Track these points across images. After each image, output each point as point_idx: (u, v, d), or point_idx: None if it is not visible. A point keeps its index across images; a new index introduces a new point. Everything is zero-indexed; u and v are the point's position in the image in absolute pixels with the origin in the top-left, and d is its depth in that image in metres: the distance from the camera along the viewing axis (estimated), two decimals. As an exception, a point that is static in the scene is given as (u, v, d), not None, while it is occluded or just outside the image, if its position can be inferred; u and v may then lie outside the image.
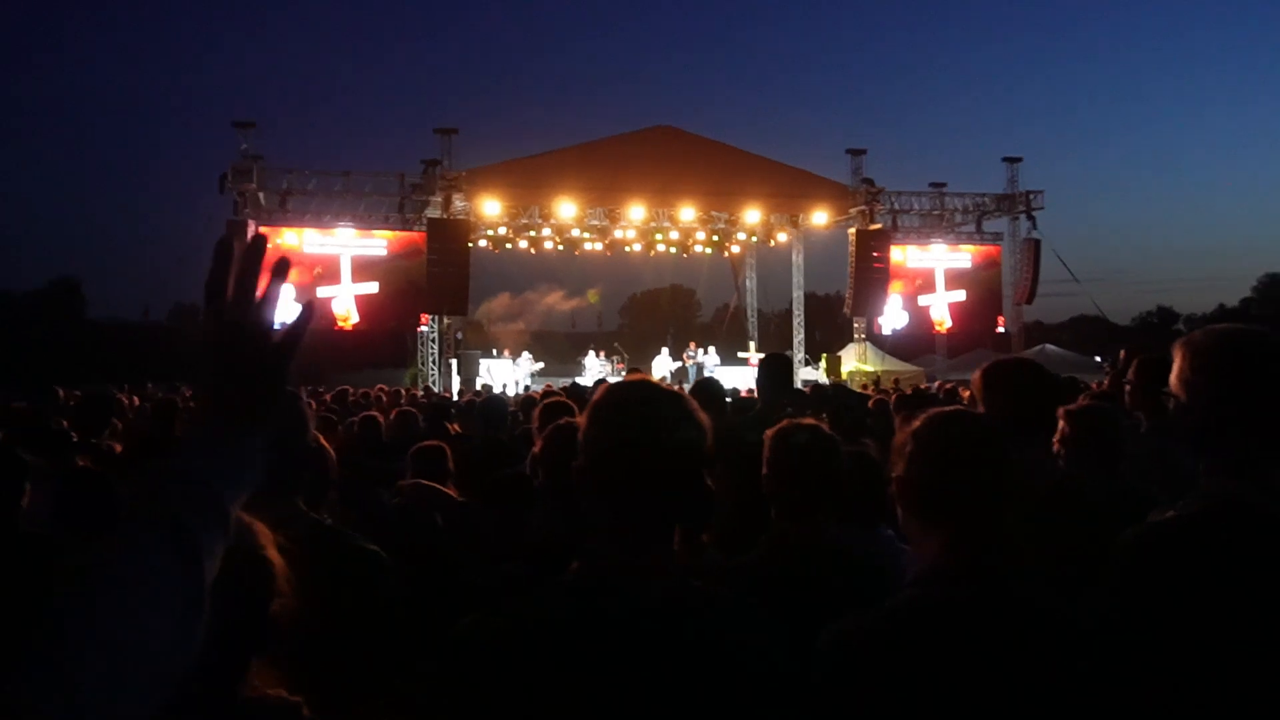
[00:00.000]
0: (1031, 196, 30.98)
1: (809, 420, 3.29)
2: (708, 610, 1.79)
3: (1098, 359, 32.50)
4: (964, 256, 32.00)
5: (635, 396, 1.89)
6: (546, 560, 2.50)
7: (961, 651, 1.94)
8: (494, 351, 30.85)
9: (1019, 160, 31.35)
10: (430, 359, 28.77)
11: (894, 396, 12.71)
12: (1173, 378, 2.27)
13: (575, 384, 15.37)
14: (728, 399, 8.02)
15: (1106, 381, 15.28)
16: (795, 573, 2.89)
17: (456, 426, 8.96)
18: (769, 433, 3.18)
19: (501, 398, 9.70)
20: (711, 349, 29.61)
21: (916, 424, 2.23)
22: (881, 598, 2.14)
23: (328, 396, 15.92)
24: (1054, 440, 4.46)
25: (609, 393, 1.94)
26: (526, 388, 25.88)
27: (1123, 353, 14.54)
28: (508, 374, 28.88)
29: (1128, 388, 5.49)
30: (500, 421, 7.28)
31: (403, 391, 18.24)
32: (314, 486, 2.81)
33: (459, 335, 34.15)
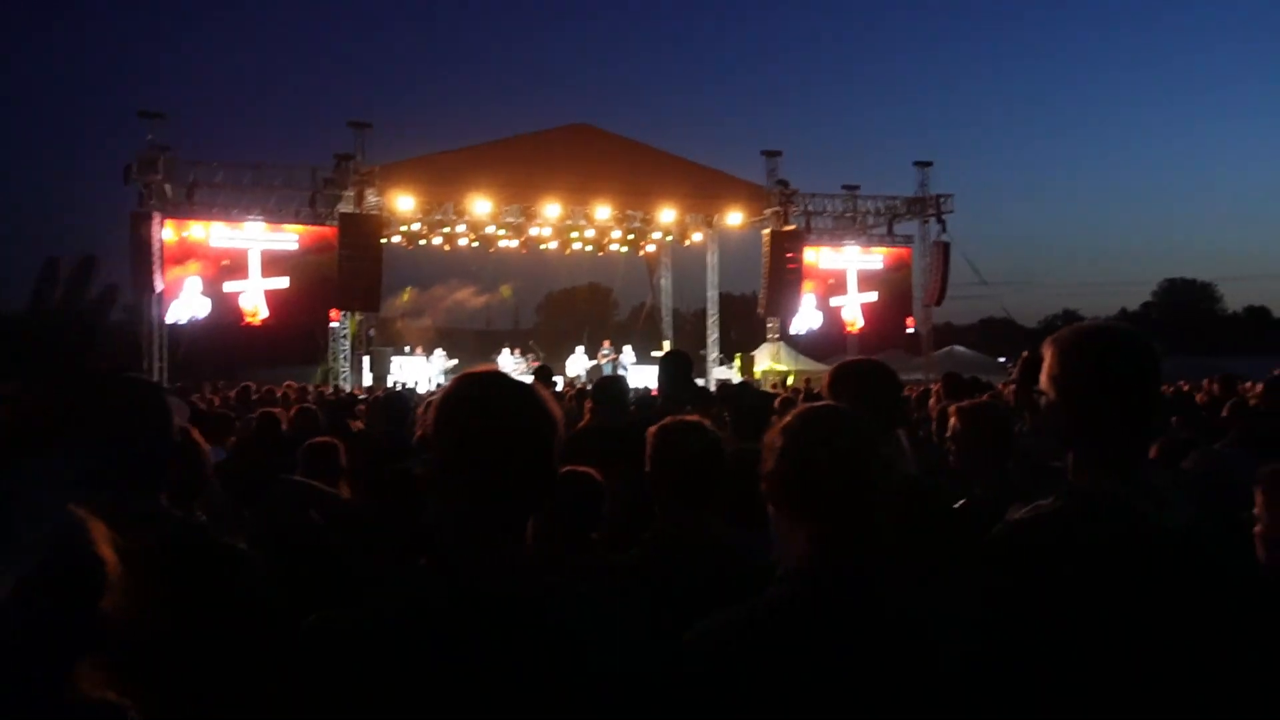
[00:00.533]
0: (942, 200, 31.49)
1: (693, 417, 3.28)
2: (560, 605, 1.78)
3: (1001, 360, 33.13)
4: (876, 258, 32.40)
5: (477, 388, 1.89)
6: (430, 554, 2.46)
7: (818, 651, 1.92)
8: (406, 349, 30.55)
9: (930, 164, 31.86)
10: (342, 356, 28.37)
11: (801, 395, 12.85)
12: (1042, 375, 2.29)
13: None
14: (631, 397, 8.01)
15: (1006, 385, 15.70)
16: (675, 569, 2.88)
17: (360, 424, 8.87)
18: (651, 429, 3.17)
19: (403, 394, 9.63)
20: (627, 348, 29.66)
21: (787, 418, 2.21)
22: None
23: (231, 393, 15.65)
24: (947, 436, 4.56)
25: (453, 386, 1.93)
26: (439, 385, 25.65)
27: (1024, 354, 15.09)
28: (420, 371, 28.64)
29: (1011, 386, 5.60)
30: (402, 418, 7.21)
31: (310, 388, 17.96)
32: (183, 484, 2.75)
33: (371, 332, 33.78)
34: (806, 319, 31.69)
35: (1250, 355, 50.26)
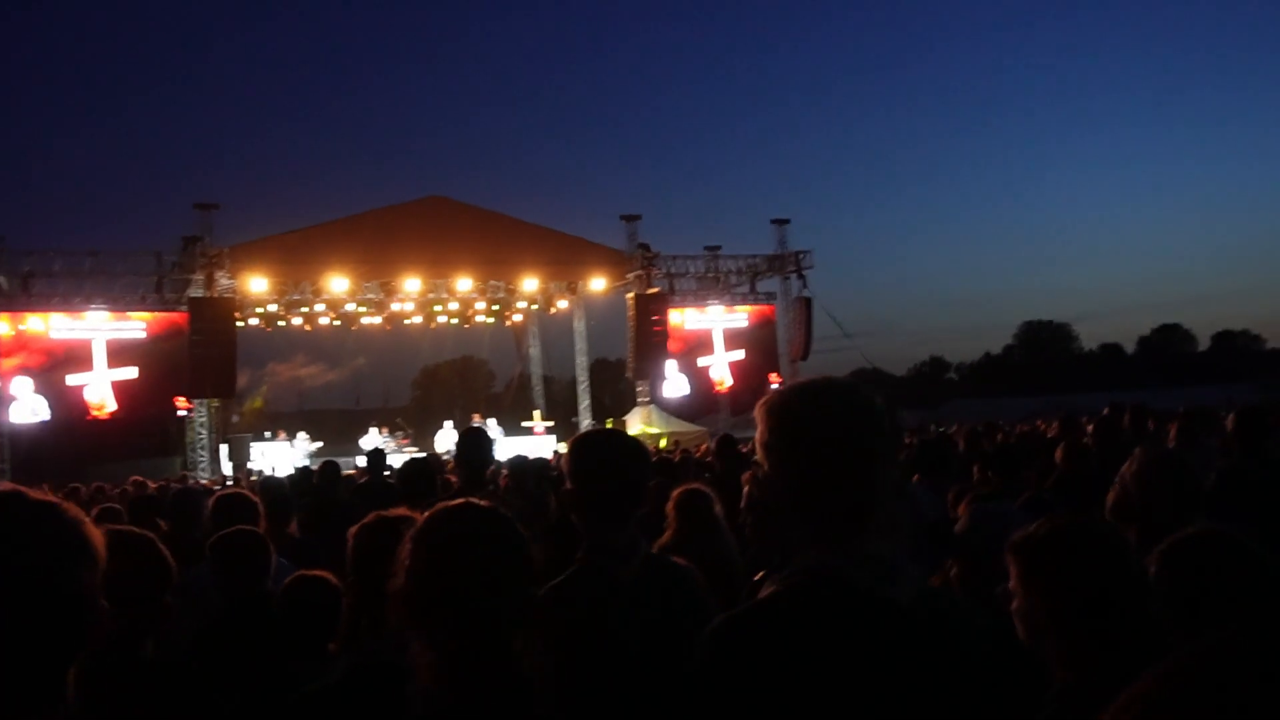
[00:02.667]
0: (801, 256, 31.95)
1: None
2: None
3: None
4: (740, 316, 32.63)
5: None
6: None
7: None
8: (267, 434, 29.51)
9: (787, 221, 32.40)
10: (200, 445, 27.28)
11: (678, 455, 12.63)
12: (756, 443, 2.05)
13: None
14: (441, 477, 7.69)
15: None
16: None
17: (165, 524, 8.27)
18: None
19: (195, 490, 9.07)
20: (492, 420, 29.07)
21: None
22: None
23: (58, 495, 14.72)
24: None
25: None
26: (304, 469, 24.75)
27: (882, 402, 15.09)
28: (283, 456, 27.62)
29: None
30: (195, 518, 6.58)
31: (147, 484, 16.99)
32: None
33: (235, 419, 32.62)
34: (675, 386, 31.70)
35: (1107, 390, 52.18)
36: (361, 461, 18.66)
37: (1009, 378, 78.50)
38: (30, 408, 25.36)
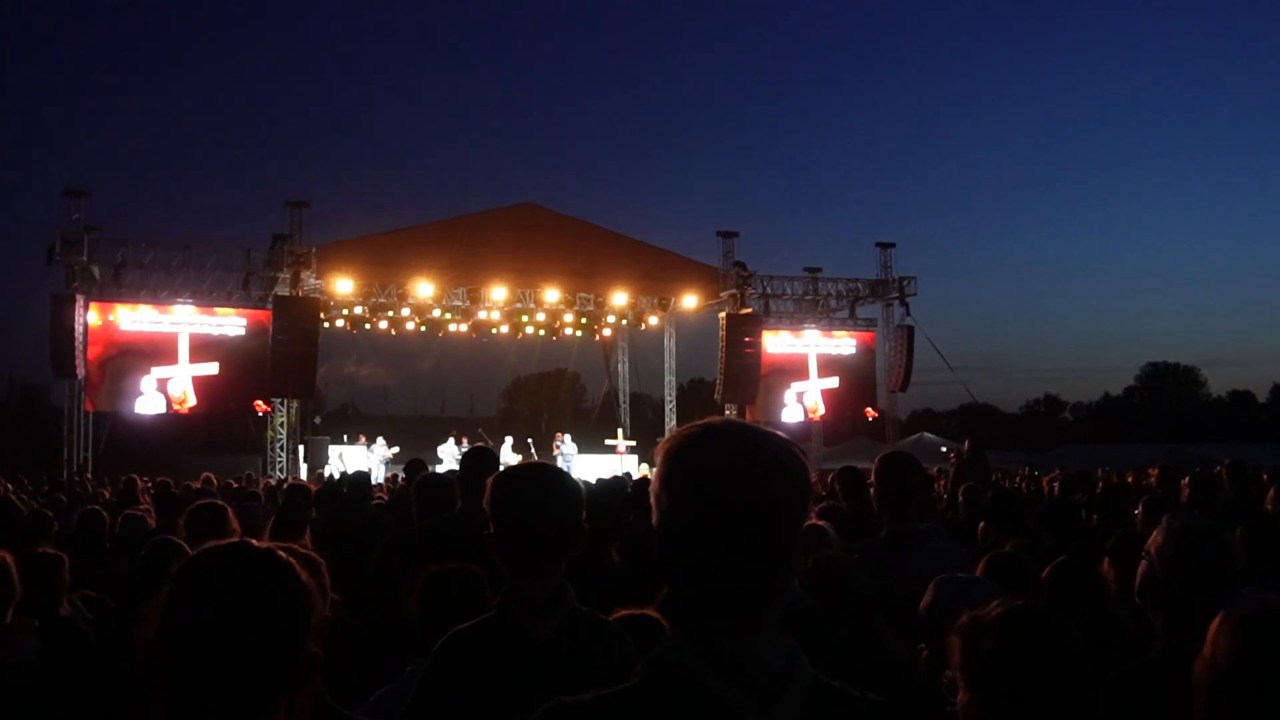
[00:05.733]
0: (905, 282, 30.72)
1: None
2: None
3: (943, 449, 31.98)
4: (838, 343, 31.48)
5: None
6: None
7: None
8: (345, 437, 29.30)
9: (892, 245, 31.17)
10: (278, 445, 27.15)
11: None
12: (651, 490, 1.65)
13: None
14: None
15: (943, 473, 14.47)
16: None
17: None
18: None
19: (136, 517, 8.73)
20: (567, 437, 28.30)
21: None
22: None
23: (104, 489, 14.43)
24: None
25: None
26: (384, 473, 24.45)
27: (967, 443, 13.86)
28: (360, 460, 27.32)
29: (872, 489, 4.61)
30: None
31: (212, 479, 16.58)
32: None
33: (317, 420, 32.56)
34: (790, 411, 30.76)
35: (1234, 441, 49.48)
36: (439, 469, 18.20)
37: (1129, 421, 75.44)
38: (150, 400, 25.57)
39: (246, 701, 1.65)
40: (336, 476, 21.95)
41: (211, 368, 26.07)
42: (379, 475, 25.01)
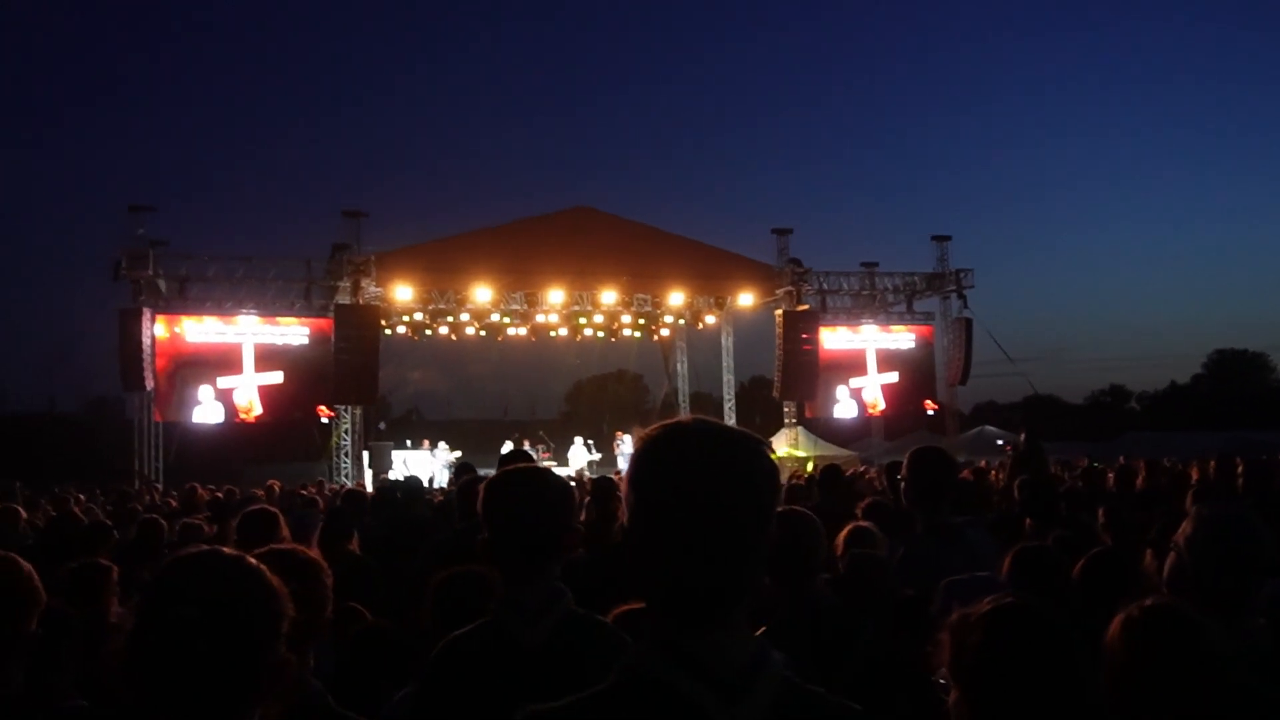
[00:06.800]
0: (962, 275, 30.38)
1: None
2: None
3: (999, 442, 31.55)
4: (895, 337, 31.25)
5: None
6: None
7: None
8: (408, 442, 29.65)
9: (949, 239, 30.84)
10: (343, 451, 27.55)
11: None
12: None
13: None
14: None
15: (1001, 465, 14.32)
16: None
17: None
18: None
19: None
20: (627, 436, 28.41)
21: None
22: None
23: (169, 497, 14.71)
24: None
25: None
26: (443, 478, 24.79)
27: (1023, 435, 13.71)
28: (425, 465, 27.66)
29: (902, 484, 4.61)
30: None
31: (275, 487, 16.87)
32: None
33: (380, 426, 32.97)
34: (845, 407, 30.64)
35: (1305, 428, 48.32)
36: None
37: (1196, 409, 73.93)
38: (208, 409, 26.12)
39: (211, 705, 1.69)
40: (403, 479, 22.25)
41: (276, 376, 26.54)
42: (442, 480, 25.34)
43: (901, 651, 3.19)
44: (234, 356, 26.29)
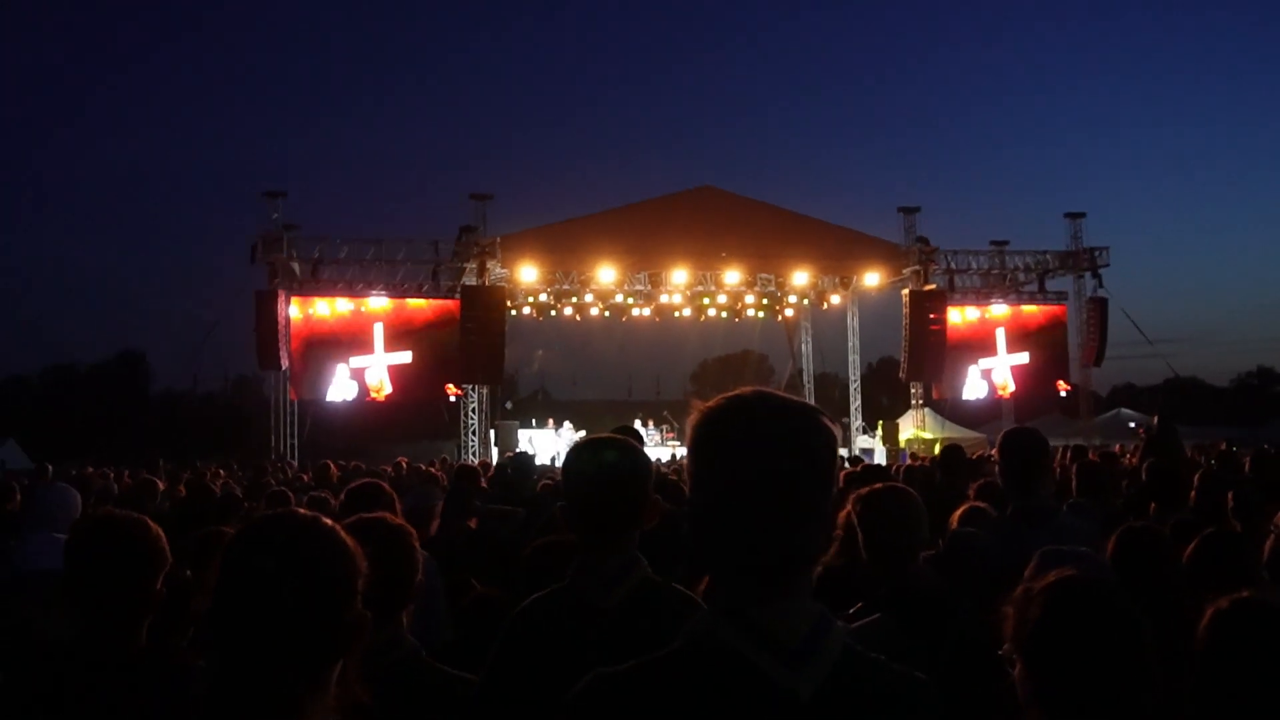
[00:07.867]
0: (1097, 253, 29.36)
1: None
2: None
3: (1131, 425, 30.42)
4: (1026, 317, 30.42)
5: None
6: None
7: None
8: (533, 421, 30.06)
9: (1083, 215, 29.82)
10: (471, 429, 28.07)
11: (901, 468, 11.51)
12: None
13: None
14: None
15: (1135, 449, 13.81)
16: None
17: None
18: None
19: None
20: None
21: None
22: None
23: (304, 474, 15.20)
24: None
25: None
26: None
27: (1156, 419, 13.20)
28: (549, 444, 28.03)
29: (996, 466, 4.49)
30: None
31: (403, 463, 17.31)
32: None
33: (508, 405, 33.46)
34: (974, 388, 30.02)
35: None
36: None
37: (1352, 393, 70.42)
38: (342, 387, 26.94)
39: (289, 657, 1.74)
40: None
41: (405, 356, 27.15)
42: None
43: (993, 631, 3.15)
44: (365, 336, 26.98)
